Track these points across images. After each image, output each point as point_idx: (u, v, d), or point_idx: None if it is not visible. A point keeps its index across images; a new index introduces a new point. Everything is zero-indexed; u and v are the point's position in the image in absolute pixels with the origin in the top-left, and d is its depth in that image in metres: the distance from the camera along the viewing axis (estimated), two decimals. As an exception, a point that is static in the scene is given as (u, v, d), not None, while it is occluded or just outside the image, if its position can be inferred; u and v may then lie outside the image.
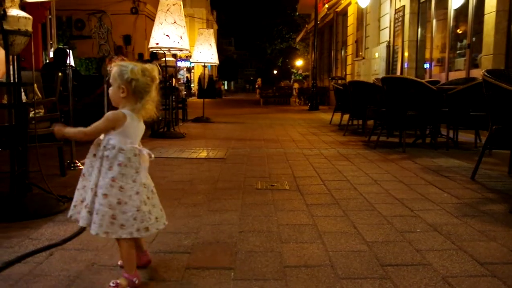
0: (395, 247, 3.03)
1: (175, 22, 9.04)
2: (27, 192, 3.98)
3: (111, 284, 2.37)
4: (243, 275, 2.58)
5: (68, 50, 8.99)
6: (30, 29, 3.79)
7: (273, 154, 7.17)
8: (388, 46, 16.00)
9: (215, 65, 17.88)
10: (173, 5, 9.07)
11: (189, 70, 41.18)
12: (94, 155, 2.47)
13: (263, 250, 2.97)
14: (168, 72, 10.63)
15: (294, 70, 59.95)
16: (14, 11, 3.65)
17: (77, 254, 2.87)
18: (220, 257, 2.84)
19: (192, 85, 40.55)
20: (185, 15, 9.53)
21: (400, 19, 14.94)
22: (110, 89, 2.52)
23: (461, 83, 8.05)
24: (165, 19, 9.01)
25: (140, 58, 18.48)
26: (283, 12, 60.12)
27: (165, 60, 10.15)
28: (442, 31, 13.36)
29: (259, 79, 44.31)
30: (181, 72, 34.53)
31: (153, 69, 2.53)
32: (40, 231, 3.34)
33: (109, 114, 2.45)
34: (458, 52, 12.39)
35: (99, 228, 2.35)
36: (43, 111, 5.19)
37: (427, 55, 14.19)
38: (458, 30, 12.47)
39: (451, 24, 12.44)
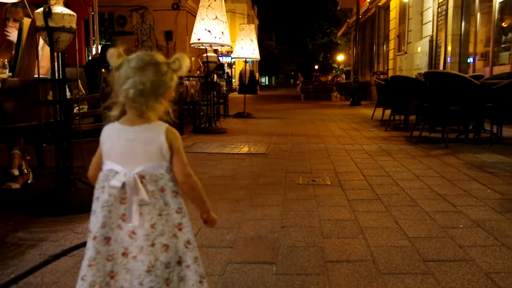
0: (437, 242, 3.01)
1: (216, 18, 9.10)
2: (72, 187, 4.06)
3: None
4: (285, 269, 2.60)
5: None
6: (74, 26, 3.81)
7: (315, 150, 7.17)
8: (431, 41, 15.78)
9: (256, 61, 17.98)
10: (215, 0, 9.12)
11: (230, 65, 41.31)
12: None
13: (305, 245, 2.98)
14: (210, 68, 10.70)
15: (335, 65, 59.64)
16: (59, 8, 3.69)
17: (122, 247, 2.92)
18: (262, 252, 2.87)
19: (233, 81, 40.65)
20: (226, 11, 9.56)
21: (444, 12, 14.72)
22: None
23: (505, 78, 7.92)
24: (206, 15, 9.07)
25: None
26: (324, 7, 59.84)
27: (207, 55, 10.21)
28: (487, 25, 13.13)
29: (300, 75, 44.16)
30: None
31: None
32: (85, 225, 3.39)
33: None
34: (502, 46, 12.18)
35: None
36: (86, 107, 5.27)
37: (471, 49, 13.96)
38: (503, 24, 12.25)
39: (495, 17, 12.21)
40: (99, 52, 10.38)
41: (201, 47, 9.84)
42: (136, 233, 1.67)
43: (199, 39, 9.12)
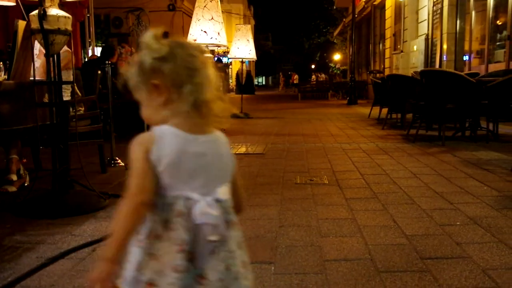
0: (434, 240, 3.02)
1: (212, 19, 9.09)
2: (69, 189, 4.03)
3: None
4: (283, 269, 2.60)
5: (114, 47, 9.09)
6: (69, 28, 3.81)
7: (312, 149, 7.17)
8: (426, 39, 15.79)
9: (253, 61, 17.93)
10: (210, 1, 9.11)
11: (227, 66, 41.24)
12: None
13: (303, 244, 2.99)
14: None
15: (332, 65, 59.60)
16: (54, 11, 3.68)
17: (119, 249, 2.91)
18: (260, 252, 2.87)
19: (230, 81, 40.57)
20: (222, 11, 9.56)
21: (439, 11, 14.73)
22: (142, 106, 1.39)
23: (501, 75, 7.94)
24: (202, 16, 9.06)
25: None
26: (320, 6, 59.76)
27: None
28: (481, 23, 13.16)
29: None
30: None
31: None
32: (83, 227, 3.39)
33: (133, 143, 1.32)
34: (497, 43, 12.21)
35: None
36: (83, 109, 5.26)
37: (466, 47, 13.98)
38: (497, 21, 12.27)
39: (490, 15, 12.25)
40: (100, 52, 10.29)
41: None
42: (206, 277, 1.28)
43: (195, 40, 9.10)
